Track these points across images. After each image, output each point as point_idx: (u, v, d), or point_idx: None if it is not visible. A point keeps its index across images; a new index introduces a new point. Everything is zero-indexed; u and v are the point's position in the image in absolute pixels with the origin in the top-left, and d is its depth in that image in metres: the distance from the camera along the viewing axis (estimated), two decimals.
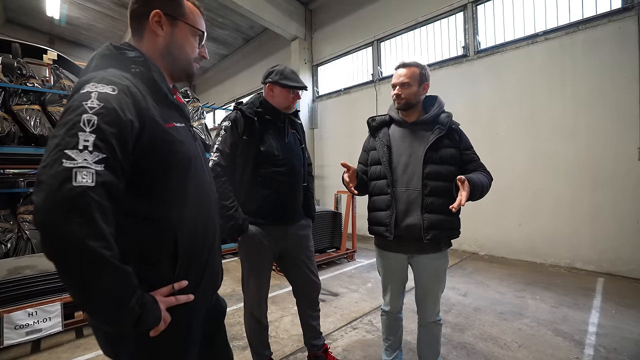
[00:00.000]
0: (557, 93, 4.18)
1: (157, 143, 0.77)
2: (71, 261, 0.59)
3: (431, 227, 1.56)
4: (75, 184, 0.59)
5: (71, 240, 0.58)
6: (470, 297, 3.22)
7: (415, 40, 5.97)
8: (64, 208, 0.58)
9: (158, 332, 0.75)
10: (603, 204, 3.85)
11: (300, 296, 1.97)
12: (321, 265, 4.42)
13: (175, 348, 0.85)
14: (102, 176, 0.63)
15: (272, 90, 1.77)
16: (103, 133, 0.65)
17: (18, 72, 3.75)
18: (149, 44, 0.89)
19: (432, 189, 1.57)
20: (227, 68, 11.09)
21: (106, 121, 0.66)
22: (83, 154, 0.62)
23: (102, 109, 0.67)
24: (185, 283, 0.83)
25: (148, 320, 0.71)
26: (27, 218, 3.77)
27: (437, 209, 1.56)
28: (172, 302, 0.79)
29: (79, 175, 0.60)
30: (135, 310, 0.67)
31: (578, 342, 2.34)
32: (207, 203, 0.95)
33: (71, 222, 0.58)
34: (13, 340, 2.22)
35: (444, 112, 1.66)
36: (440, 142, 1.59)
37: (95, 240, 0.60)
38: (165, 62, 0.91)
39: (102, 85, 0.70)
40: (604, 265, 3.82)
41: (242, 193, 1.72)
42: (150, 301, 0.73)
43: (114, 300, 0.64)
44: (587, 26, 3.94)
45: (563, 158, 4.14)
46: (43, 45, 5.71)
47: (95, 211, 0.61)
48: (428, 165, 1.58)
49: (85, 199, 0.60)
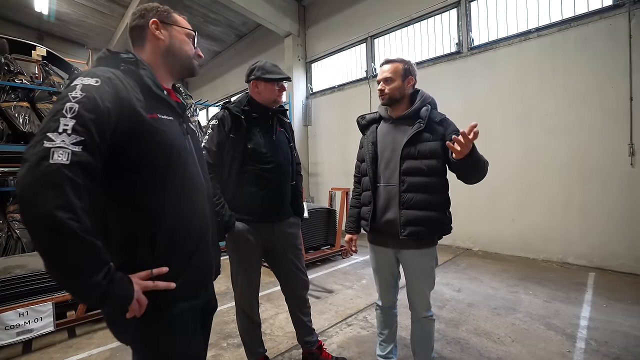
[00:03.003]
0: (549, 89, 4.21)
1: (137, 131, 0.84)
2: (40, 229, 0.66)
3: (409, 224, 1.55)
4: (52, 162, 0.66)
5: (42, 209, 0.64)
6: (464, 293, 3.25)
7: (409, 37, 5.96)
8: (39, 182, 0.65)
9: (133, 313, 0.79)
10: (594, 199, 3.90)
11: (289, 294, 1.97)
12: (315, 262, 4.42)
13: (168, 337, 0.91)
14: (78, 156, 0.69)
15: (257, 86, 1.77)
16: (82, 118, 0.72)
17: (5, 68, 3.67)
18: (151, 48, 1.01)
19: (410, 184, 1.57)
20: (220, 65, 10.99)
21: (86, 108, 0.74)
22: (62, 136, 0.69)
23: (84, 98, 0.75)
24: (164, 269, 0.87)
25: (115, 297, 0.74)
26: (16, 217, 3.71)
27: (417, 205, 1.55)
28: (148, 286, 0.82)
29: (56, 154, 0.67)
30: (102, 284, 0.71)
31: (570, 335, 2.38)
32: (195, 196, 0.99)
33: (43, 194, 0.65)
34: (3, 341, 2.18)
35: (425, 106, 1.65)
36: (418, 137, 1.58)
37: (64, 212, 0.65)
38: (168, 61, 1.03)
39: (87, 78, 0.79)
40: (595, 260, 3.88)
41: (229, 190, 1.72)
42: (122, 279, 0.77)
43: (79, 271, 0.69)
44: (579, 23, 3.97)
45: (556, 154, 4.18)
46: (31, 41, 5.59)
47: (67, 186, 0.67)
48: (406, 161, 1.58)
49: (59, 174, 0.66)
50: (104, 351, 2.31)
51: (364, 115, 1.86)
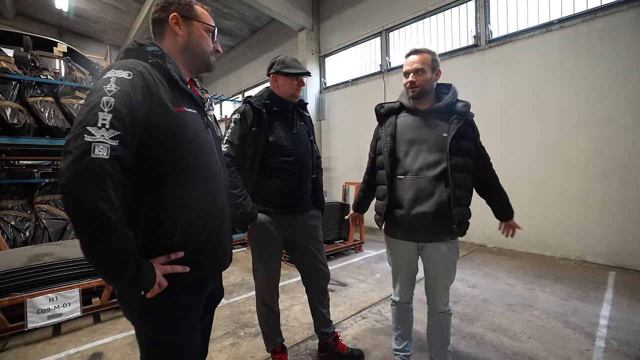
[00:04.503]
0: (571, 83, 4.09)
1: (165, 122, 0.88)
2: (83, 218, 0.71)
3: (462, 220, 1.58)
4: (94, 156, 0.71)
5: (86, 200, 0.70)
6: (479, 289, 3.23)
7: (424, 30, 5.86)
8: (83, 175, 0.70)
9: (154, 294, 0.86)
10: (615, 196, 3.79)
11: (309, 285, 2.00)
12: (329, 256, 4.46)
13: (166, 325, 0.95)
14: (115, 151, 0.74)
15: (277, 80, 1.80)
16: (119, 113, 0.76)
17: (32, 64, 3.80)
18: (169, 43, 1.03)
19: (457, 181, 1.55)
20: (234, 59, 11.06)
21: (122, 103, 0.77)
22: (101, 130, 0.73)
23: (119, 92, 0.78)
24: (181, 254, 0.92)
25: (143, 281, 0.81)
26: (43, 208, 3.87)
27: (462, 202, 1.57)
28: (167, 270, 0.89)
29: (97, 148, 0.71)
30: (132, 270, 0.77)
31: (589, 334, 2.34)
32: (214, 186, 1.03)
33: (88, 187, 0.70)
34: (36, 324, 2.31)
35: (460, 102, 1.62)
36: (460, 132, 1.56)
37: (105, 204, 0.71)
38: (185, 57, 1.04)
39: (120, 71, 0.82)
40: (616, 259, 3.78)
41: (251, 182, 1.75)
42: (147, 266, 0.82)
43: (113, 257, 0.75)
44: (605, 13, 3.82)
45: (575, 149, 4.07)
46: (53, 37, 5.76)
47: (107, 180, 0.72)
48: (453, 157, 1.54)
49: (101, 168, 0.71)
50: (127, 336, 2.41)
51: (383, 104, 1.80)
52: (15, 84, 3.47)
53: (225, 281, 3.58)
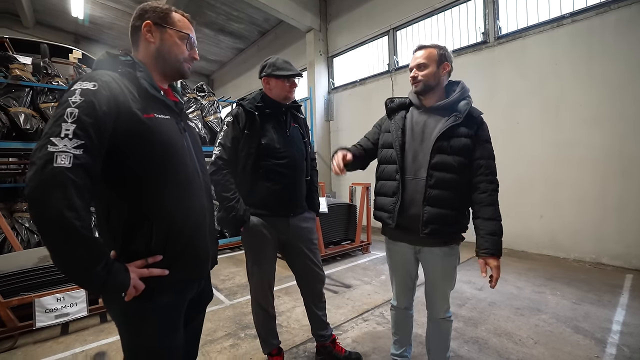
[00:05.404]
0: (584, 79, 3.94)
1: (134, 130, 0.89)
2: (48, 226, 0.73)
3: (430, 222, 1.47)
4: (56, 165, 0.73)
5: (50, 209, 0.71)
6: (486, 292, 3.14)
7: (432, 28, 5.78)
8: (46, 184, 0.72)
9: (130, 297, 0.87)
10: (632, 195, 3.62)
11: (304, 287, 1.99)
12: (335, 257, 4.44)
13: (146, 328, 0.96)
14: (79, 159, 0.76)
15: (269, 83, 1.79)
16: (82, 123, 0.78)
17: (44, 71, 3.94)
18: (143, 50, 1.05)
19: (438, 180, 1.47)
20: (244, 62, 11.18)
21: (85, 113, 0.79)
22: (64, 140, 0.75)
23: (83, 102, 0.80)
24: (159, 257, 0.94)
25: (114, 285, 0.82)
26: None
27: (441, 203, 1.47)
28: (144, 274, 0.90)
29: (59, 157, 0.73)
30: (101, 274, 0.78)
31: (599, 340, 2.25)
32: (191, 189, 1.04)
33: (51, 195, 0.72)
34: (44, 323, 2.38)
35: (465, 99, 1.54)
36: (453, 131, 1.48)
37: (69, 211, 0.72)
38: (158, 64, 1.05)
39: (85, 82, 0.84)
40: (633, 261, 3.62)
41: (244, 185, 1.75)
42: (119, 269, 0.84)
43: (81, 264, 0.77)
44: (619, 5, 3.67)
45: (589, 147, 3.92)
46: (69, 44, 5.97)
47: (71, 187, 0.73)
48: (436, 155, 1.48)
49: (63, 177, 0.73)
50: None
51: (394, 98, 1.75)
52: (28, 90, 3.60)
53: (230, 282, 3.62)
